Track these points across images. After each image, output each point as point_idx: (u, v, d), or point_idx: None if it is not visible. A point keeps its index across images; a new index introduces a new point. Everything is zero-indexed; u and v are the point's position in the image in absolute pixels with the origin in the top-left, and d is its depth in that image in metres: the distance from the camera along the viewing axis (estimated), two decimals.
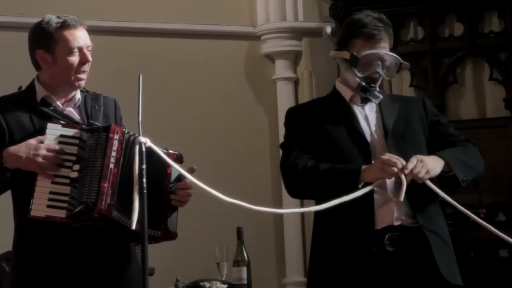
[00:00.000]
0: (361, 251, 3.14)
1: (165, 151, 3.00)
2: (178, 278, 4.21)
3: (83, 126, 3.05)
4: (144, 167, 2.76)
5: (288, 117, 3.40)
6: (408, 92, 6.18)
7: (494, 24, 6.22)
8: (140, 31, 6.12)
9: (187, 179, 3.05)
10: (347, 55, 3.29)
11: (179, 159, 3.13)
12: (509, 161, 5.95)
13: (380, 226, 3.16)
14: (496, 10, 6.20)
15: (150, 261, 2.76)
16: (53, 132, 2.97)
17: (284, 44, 6.49)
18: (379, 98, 3.32)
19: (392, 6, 6.08)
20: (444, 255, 3.21)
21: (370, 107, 3.34)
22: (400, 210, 3.17)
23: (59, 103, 3.12)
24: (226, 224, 4.90)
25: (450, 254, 3.26)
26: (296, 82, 6.52)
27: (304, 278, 5.91)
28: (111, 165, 2.92)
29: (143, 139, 2.80)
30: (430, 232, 3.18)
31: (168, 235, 3.10)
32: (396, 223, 3.17)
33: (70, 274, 3.00)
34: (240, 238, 4.11)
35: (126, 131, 3.01)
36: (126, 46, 6.03)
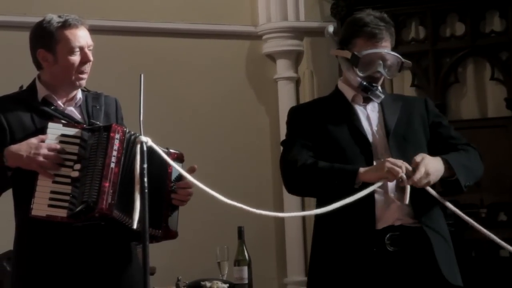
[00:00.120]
0: (361, 251, 3.13)
1: (165, 150, 3.00)
2: (179, 278, 4.21)
3: (84, 126, 3.05)
4: (145, 166, 2.75)
5: (290, 116, 3.39)
6: (409, 92, 6.17)
7: (496, 23, 6.21)
8: (142, 31, 6.12)
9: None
10: (349, 54, 3.28)
11: (179, 159, 3.13)
12: (510, 161, 5.94)
13: (381, 226, 3.15)
14: (497, 10, 6.20)
15: (151, 260, 2.76)
16: (54, 131, 2.97)
17: (285, 44, 6.49)
18: (380, 98, 3.31)
19: (394, 6, 6.07)
20: (445, 255, 3.20)
21: (372, 107, 3.33)
22: (401, 210, 3.16)
23: (60, 102, 3.12)
24: (227, 224, 4.90)
25: (451, 255, 3.25)
26: (297, 82, 6.52)
27: (305, 278, 5.89)
28: (112, 164, 2.92)
29: (144, 138, 2.80)
30: (431, 232, 3.17)
31: (168, 234, 3.10)
32: (396, 223, 3.17)
33: (71, 273, 3.00)
34: (241, 237, 4.10)
35: (127, 131, 3.01)
36: (127, 46, 6.03)
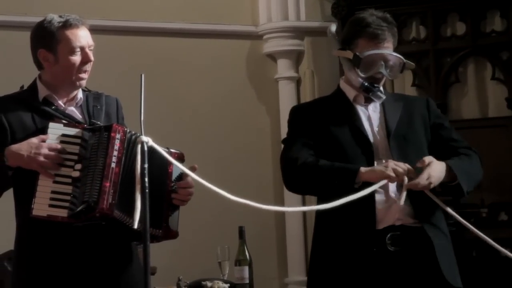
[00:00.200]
0: (362, 251, 3.13)
1: (166, 150, 3.00)
2: (180, 278, 4.20)
3: (85, 126, 3.05)
4: (146, 166, 2.75)
5: (292, 115, 3.39)
6: (410, 92, 6.17)
7: (496, 23, 6.21)
8: (142, 31, 6.12)
9: (188, 178, 3.06)
10: (350, 54, 3.27)
11: (180, 158, 3.12)
12: (511, 160, 5.94)
13: (381, 226, 3.15)
14: (498, 9, 6.19)
15: (152, 260, 2.75)
16: (55, 131, 2.97)
17: (286, 44, 6.49)
18: (381, 99, 3.30)
19: (394, 6, 6.06)
20: (446, 256, 3.20)
21: (374, 107, 3.33)
22: (401, 210, 3.16)
23: (61, 102, 3.12)
24: (228, 224, 4.90)
25: (451, 255, 3.25)
26: (298, 82, 6.51)
27: (306, 278, 5.90)
28: (113, 164, 2.92)
29: (145, 138, 2.79)
30: (432, 232, 3.17)
31: (169, 234, 3.10)
32: (397, 223, 3.17)
33: (72, 273, 3.00)
34: (242, 237, 4.10)
35: (128, 130, 3.01)
36: (128, 46, 6.03)
